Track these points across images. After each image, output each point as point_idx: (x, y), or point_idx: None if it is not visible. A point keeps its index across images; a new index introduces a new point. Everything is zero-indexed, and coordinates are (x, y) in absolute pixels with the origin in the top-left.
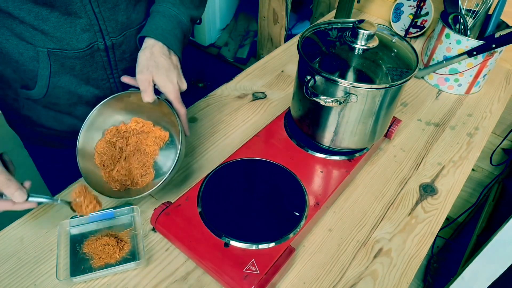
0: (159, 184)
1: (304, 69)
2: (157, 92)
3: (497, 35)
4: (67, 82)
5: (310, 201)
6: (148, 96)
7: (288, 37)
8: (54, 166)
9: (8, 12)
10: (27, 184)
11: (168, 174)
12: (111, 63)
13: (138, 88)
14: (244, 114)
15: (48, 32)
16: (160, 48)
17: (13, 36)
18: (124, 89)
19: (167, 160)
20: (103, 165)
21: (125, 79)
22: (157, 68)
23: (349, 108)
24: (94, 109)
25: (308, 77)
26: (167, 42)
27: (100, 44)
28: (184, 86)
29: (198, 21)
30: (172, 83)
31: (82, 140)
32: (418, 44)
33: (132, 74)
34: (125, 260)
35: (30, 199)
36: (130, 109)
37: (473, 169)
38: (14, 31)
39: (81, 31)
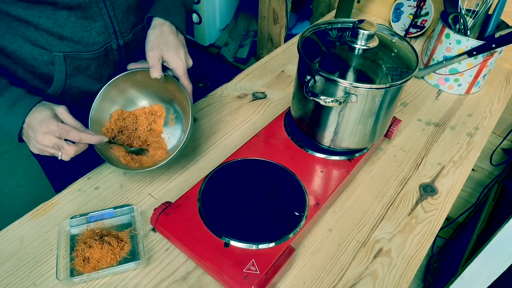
0: (174, 153)
1: (304, 69)
2: (163, 69)
3: (497, 35)
4: (82, 81)
5: (310, 201)
6: (156, 72)
7: (288, 37)
8: (58, 163)
9: (26, 20)
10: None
11: (182, 144)
12: (122, 60)
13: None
14: (244, 114)
15: (65, 37)
16: (169, 27)
17: (27, 43)
18: None
19: (175, 137)
20: (120, 152)
21: (132, 66)
22: (166, 46)
23: (349, 108)
24: (103, 87)
25: (308, 77)
26: (174, 21)
27: (114, 44)
28: (190, 62)
29: (198, 20)
30: (181, 59)
31: (94, 114)
32: (418, 44)
33: None
34: (125, 260)
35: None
36: (137, 87)
37: (473, 169)
38: (29, 38)
39: (97, 34)
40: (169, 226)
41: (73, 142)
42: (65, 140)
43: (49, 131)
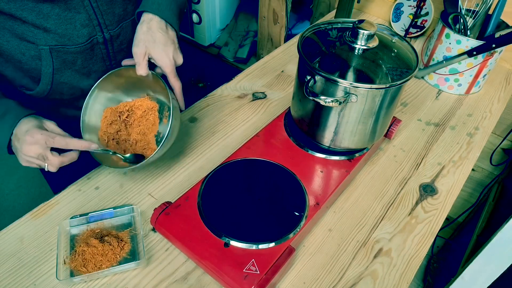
0: (152, 155)
1: (304, 69)
2: (152, 67)
3: (497, 35)
4: (69, 77)
5: (310, 201)
6: (141, 69)
7: (288, 37)
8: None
9: (10, 14)
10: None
11: (159, 146)
12: (110, 55)
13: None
14: (244, 114)
15: (50, 30)
16: (157, 22)
17: (14, 37)
18: None
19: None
20: (115, 149)
21: (126, 62)
22: (153, 42)
23: (349, 108)
24: (96, 84)
25: (308, 77)
26: (164, 16)
27: (99, 37)
28: (180, 60)
29: (198, 20)
30: (168, 57)
31: (87, 114)
32: (418, 44)
33: None
34: (125, 260)
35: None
36: (130, 83)
37: (473, 169)
38: (16, 31)
39: (81, 27)
40: (169, 226)
41: (59, 153)
42: (52, 150)
43: (34, 141)
